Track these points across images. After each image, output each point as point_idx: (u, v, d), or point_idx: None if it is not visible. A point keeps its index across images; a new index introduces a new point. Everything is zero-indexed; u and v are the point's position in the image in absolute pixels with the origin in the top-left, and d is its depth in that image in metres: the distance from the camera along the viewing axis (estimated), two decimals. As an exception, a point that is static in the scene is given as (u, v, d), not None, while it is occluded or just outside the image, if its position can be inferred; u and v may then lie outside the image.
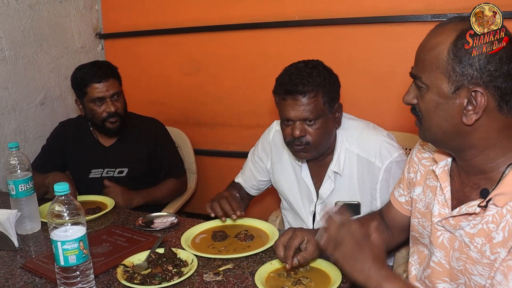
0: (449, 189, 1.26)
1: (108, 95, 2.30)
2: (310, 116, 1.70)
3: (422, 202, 1.36)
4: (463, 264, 1.21)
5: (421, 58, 1.15)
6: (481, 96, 1.07)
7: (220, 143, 3.07)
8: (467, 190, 1.22)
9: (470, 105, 1.09)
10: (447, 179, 1.27)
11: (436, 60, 1.10)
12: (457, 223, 1.20)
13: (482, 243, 1.15)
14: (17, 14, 2.62)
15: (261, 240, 1.70)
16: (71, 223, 1.28)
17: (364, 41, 2.31)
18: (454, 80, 1.09)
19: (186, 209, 3.09)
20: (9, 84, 2.60)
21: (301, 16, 2.63)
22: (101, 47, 3.26)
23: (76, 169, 2.49)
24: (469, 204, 1.16)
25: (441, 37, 1.11)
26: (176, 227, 1.86)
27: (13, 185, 1.82)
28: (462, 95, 1.09)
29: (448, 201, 1.25)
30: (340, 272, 1.40)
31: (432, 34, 1.15)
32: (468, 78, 1.07)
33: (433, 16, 2.31)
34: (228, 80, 2.94)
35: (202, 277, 1.45)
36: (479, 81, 1.06)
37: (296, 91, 1.68)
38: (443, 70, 1.09)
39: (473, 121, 1.09)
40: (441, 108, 1.13)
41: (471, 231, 1.17)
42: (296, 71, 1.73)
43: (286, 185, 2.00)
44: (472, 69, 1.06)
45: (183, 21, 2.96)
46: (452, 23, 1.12)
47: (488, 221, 1.13)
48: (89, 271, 1.33)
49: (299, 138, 1.73)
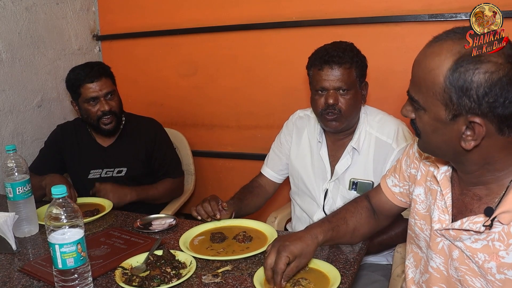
0: (450, 196, 1.23)
1: (101, 94, 2.31)
2: (344, 85, 1.83)
3: (424, 204, 1.34)
4: (463, 275, 1.19)
5: (417, 80, 1.11)
6: (479, 127, 1.03)
7: (218, 145, 3.07)
8: (467, 200, 1.20)
9: (468, 131, 1.06)
10: (449, 185, 1.24)
11: (432, 86, 1.06)
12: (458, 235, 1.18)
13: (485, 260, 1.13)
14: (14, 16, 2.62)
15: (259, 241, 1.69)
16: (69, 225, 1.28)
17: (362, 42, 2.29)
18: (452, 109, 1.05)
19: (185, 211, 3.08)
20: (6, 86, 2.59)
21: (298, 16, 2.63)
22: (98, 49, 3.25)
23: (75, 170, 2.49)
24: (472, 219, 1.14)
25: (437, 59, 1.05)
26: (174, 228, 1.85)
27: (11, 188, 1.82)
28: (460, 122, 1.05)
29: (449, 208, 1.23)
30: (339, 273, 1.40)
31: (429, 52, 1.09)
32: (465, 108, 1.03)
33: (430, 16, 2.31)
34: (226, 81, 2.94)
35: (200, 279, 1.45)
36: (477, 112, 1.02)
37: (333, 61, 1.82)
38: (440, 98, 1.05)
39: (471, 147, 1.07)
40: (439, 132, 1.10)
41: (473, 245, 1.15)
42: (332, 46, 1.88)
43: (301, 164, 2.07)
44: (469, 101, 1.01)
45: (180, 22, 2.95)
46: (449, 41, 1.06)
47: (494, 238, 1.11)
48: (87, 274, 1.33)
49: (333, 106, 1.84)
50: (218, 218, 1.83)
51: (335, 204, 1.95)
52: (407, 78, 1.19)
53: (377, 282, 1.93)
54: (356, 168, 1.94)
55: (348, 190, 1.93)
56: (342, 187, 1.95)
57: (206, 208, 1.83)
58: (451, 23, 2.28)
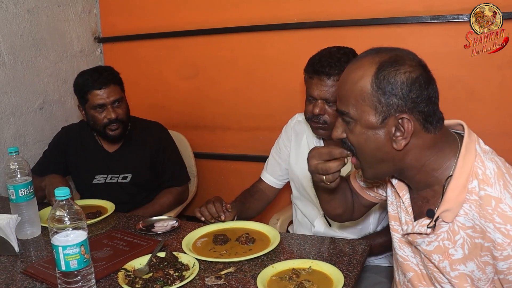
0: (408, 196, 1.30)
1: (109, 101, 2.28)
2: (331, 98, 1.80)
3: (393, 205, 1.40)
4: (432, 273, 1.27)
5: (344, 94, 1.19)
6: (408, 122, 1.12)
7: (220, 146, 3.07)
8: (419, 204, 1.27)
9: (398, 132, 1.14)
10: (405, 187, 1.32)
11: (360, 94, 1.15)
12: (413, 239, 1.26)
13: (439, 260, 1.22)
14: (16, 19, 2.62)
15: (262, 243, 1.69)
16: (72, 227, 1.28)
17: (363, 43, 2.28)
18: (381, 111, 1.13)
19: (187, 213, 3.08)
20: (8, 88, 2.60)
21: (299, 18, 2.64)
22: (100, 51, 3.26)
23: (80, 174, 2.48)
24: (421, 222, 1.21)
25: (361, 70, 1.15)
26: (177, 230, 1.85)
27: (13, 190, 1.82)
28: (390, 123, 1.14)
29: (408, 209, 1.29)
30: (342, 275, 1.40)
31: (351, 69, 1.18)
32: (394, 107, 1.12)
33: (432, 18, 2.31)
34: (227, 83, 2.94)
35: (203, 281, 1.44)
36: (404, 109, 1.12)
37: (323, 72, 1.78)
38: (369, 103, 1.14)
39: (402, 146, 1.14)
40: (371, 139, 1.17)
41: (428, 248, 1.24)
42: (327, 54, 1.83)
43: (301, 169, 2.04)
44: (396, 98, 1.11)
45: (181, 25, 2.96)
46: (368, 56, 1.17)
47: (443, 238, 1.20)
48: (91, 276, 1.33)
49: (317, 116, 1.83)
50: (223, 220, 1.83)
51: None
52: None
53: (379, 284, 1.93)
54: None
55: None
56: None
57: (210, 210, 1.82)
58: (452, 25, 2.29)
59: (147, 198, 2.45)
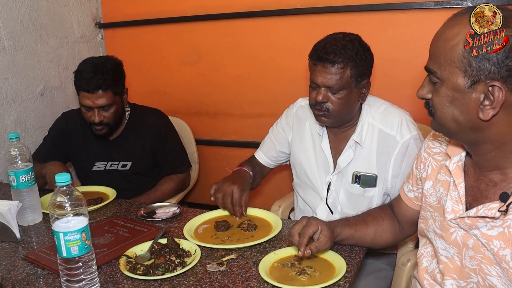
0: (463, 185, 1.22)
1: (95, 105, 2.21)
2: (334, 85, 1.76)
3: (433, 196, 1.34)
4: (478, 264, 1.19)
5: (435, 51, 1.11)
6: (499, 91, 1.03)
7: (222, 133, 3.06)
8: (482, 187, 1.19)
9: (487, 100, 1.05)
10: (461, 175, 1.24)
11: (451, 54, 1.06)
12: (473, 223, 1.17)
13: (501, 247, 1.12)
14: (16, 4, 2.59)
15: (264, 229, 1.69)
16: (73, 214, 1.27)
17: (367, 29, 2.27)
18: (471, 75, 1.05)
19: (188, 199, 3.08)
20: (8, 74, 2.58)
21: (303, 4, 2.61)
22: (101, 37, 3.23)
23: (80, 161, 2.48)
24: (488, 206, 1.13)
25: (457, 28, 1.06)
26: (178, 217, 1.85)
27: (14, 176, 1.81)
28: (479, 89, 1.05)
29: (462, 198, 1.22)
30: (345, 262, 1.39)
31: (447, 25, 1.10)
32: (485, 72, 1.03)
33: (436, 3, 2.28)
34: (230, 69, 2.91)
35: (205, 267, 1.44)
36: (497, 76, 1.02)
37: (327, 59, 1.74)
38: (459, 64, 1.05)
39: (490, 117, 1.06)
40: (457, 103, 1.09)
41: (489, 233, 1.14)
42: (332, 40, 1.78)
43: (304, 156, 2.03)
44: (489, 64, 1.02)
45: (183, 10, 2.93)
46: (468, 13, 1.06)
47: (510, 225, 1.10)
48: (92, 262, 1.32)
49: (320, 103, 1.79)
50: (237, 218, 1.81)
51: (338, 198, 1.93)
52: (412, 67, 1.18)
53: (382, 270, 1.93)
54: (359, 161, 1.90)
55: (351, 184, 1.90)
56: (345, 180, 1.92)
57: (227, 204, 1.79)
58: (456, 10, 2.24)
59: (149, 185, 2.44)
